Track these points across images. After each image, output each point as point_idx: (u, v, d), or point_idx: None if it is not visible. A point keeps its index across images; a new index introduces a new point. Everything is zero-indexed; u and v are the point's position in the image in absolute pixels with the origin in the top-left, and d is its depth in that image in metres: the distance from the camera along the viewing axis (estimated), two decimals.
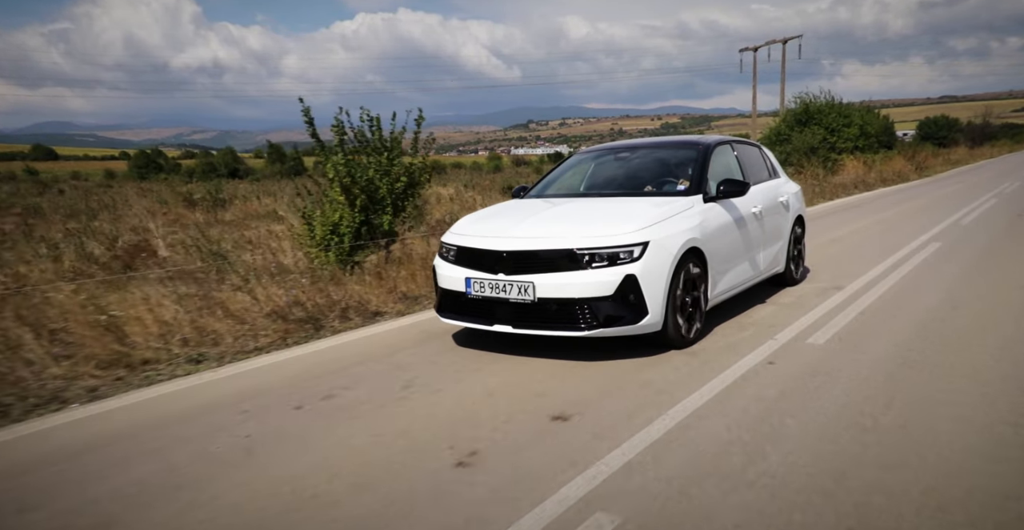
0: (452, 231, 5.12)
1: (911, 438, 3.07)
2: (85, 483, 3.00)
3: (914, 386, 3.76)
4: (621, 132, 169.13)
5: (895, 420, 3.28)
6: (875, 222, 11.78)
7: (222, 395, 4.15)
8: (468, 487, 2.78)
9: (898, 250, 8.38)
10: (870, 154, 25.59)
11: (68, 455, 3.33)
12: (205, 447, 3.33)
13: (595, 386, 3.96)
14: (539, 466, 2.93)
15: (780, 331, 4.98)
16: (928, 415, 3.34)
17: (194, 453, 3.27)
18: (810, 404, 3.53)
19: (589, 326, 4.32)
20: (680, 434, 3.21)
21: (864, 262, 7.64)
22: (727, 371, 4.12)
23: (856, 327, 5.04)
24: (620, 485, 2.73)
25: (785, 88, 33.89)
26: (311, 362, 4.80)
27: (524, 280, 4.40)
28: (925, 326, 4.97)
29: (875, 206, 14.80)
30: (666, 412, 3.48)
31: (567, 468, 2.89)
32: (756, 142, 7.04)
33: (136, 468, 3.13)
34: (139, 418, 3.83)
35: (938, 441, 3.03)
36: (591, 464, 2.92)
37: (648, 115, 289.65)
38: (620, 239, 4.36)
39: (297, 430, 3.50)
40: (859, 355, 4.35)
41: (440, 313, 5.00)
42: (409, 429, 3.43)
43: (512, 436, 3.28)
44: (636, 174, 5.92)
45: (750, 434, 3.17)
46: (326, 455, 3.17)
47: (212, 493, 2.84)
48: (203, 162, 66.49)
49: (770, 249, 6.13)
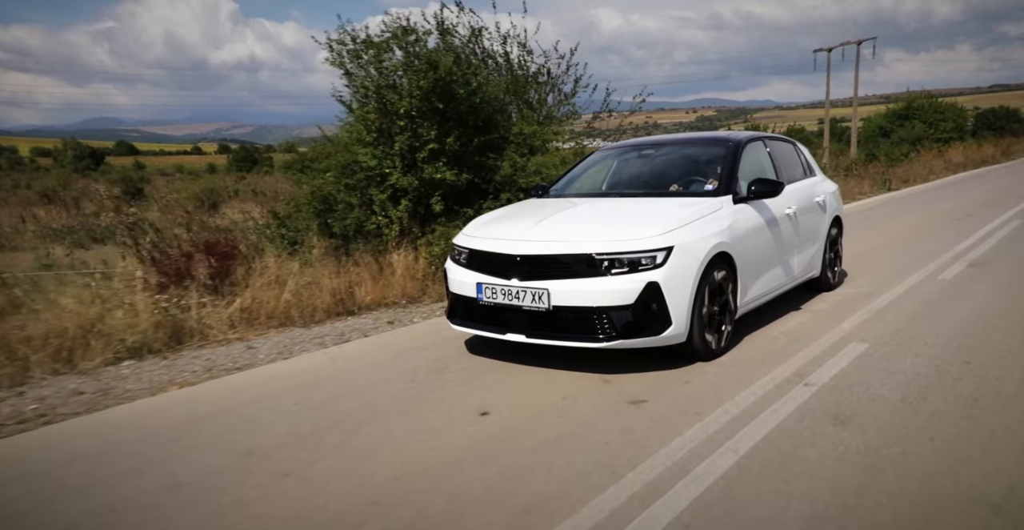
0: (464, 232, 4.85)
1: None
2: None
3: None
4: (656, 125, 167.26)
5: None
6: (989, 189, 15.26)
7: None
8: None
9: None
10: (962, 143, 29.73)
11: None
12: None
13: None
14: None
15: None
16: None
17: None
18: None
19: (608, 337, 4.02)
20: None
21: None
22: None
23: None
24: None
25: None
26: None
27: (538, 287, 4.11)
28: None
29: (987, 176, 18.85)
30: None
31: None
32: (790, 138, 6.64)
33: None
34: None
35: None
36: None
37: (683, 108, 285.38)
38: (642, 244, 4.05)
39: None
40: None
41: (451, 320, 4.74)
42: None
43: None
44: (661, 173, 5.59)
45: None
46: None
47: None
48: (299, 157, 70.22)
49: (805, 252, 5.75)
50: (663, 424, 3.34)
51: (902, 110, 33.53)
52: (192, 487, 2.91)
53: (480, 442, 3.23)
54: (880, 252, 8.22)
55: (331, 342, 5.31)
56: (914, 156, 24.34)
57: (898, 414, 3.34)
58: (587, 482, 2.76)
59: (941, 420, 3.24)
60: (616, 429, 3.31)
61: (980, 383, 3.73)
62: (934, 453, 2.89)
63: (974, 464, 2.78)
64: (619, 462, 2.92)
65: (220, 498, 2.79)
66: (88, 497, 2.85)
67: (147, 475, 3.04)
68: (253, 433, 3.49)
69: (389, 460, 3.07)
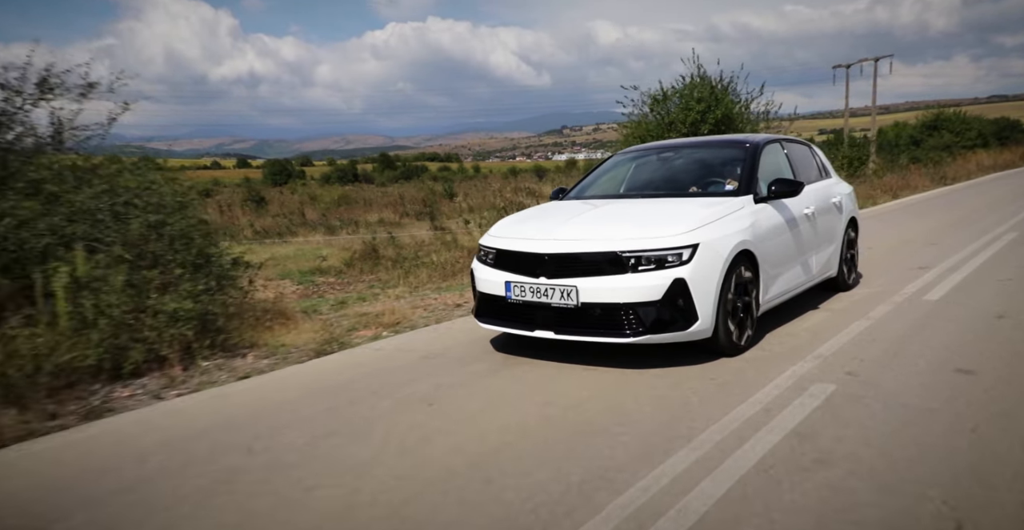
0: (491, 234, 4.96)
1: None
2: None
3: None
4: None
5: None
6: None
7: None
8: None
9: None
10: (986, 150, 34.19)
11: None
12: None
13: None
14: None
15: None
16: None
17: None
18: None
19: (635, 332, 4.11)
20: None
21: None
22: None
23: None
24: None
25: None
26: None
27: (567, 284, 4.21)
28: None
29: (997, 182, 21.27)
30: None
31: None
32: (806, 140, 6.74)
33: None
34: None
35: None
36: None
37: None
38: (668, 241, 4.15)
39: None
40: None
41: (478, 318, 4.83)
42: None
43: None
44: (680, 174, 5.69)
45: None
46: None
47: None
48: (335, 169, 74.99)
49: (823, 252, 5.84)
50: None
51: (931, 121, 38.33)
52: None
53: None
54: (972, 216, 11.88)
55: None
56: (949, 160, 28.51)
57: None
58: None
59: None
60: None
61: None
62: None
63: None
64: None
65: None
66: None
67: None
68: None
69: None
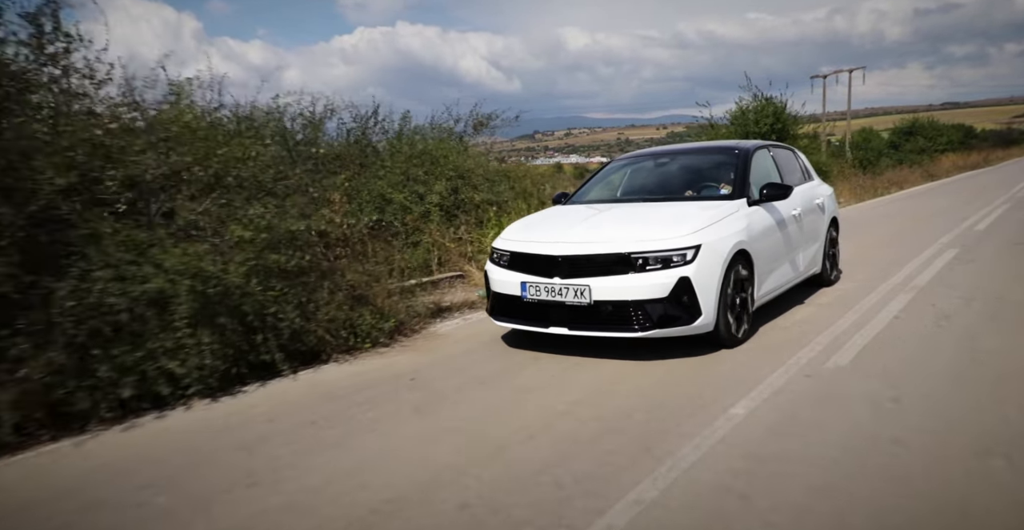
0: (503, 237, 5.26)
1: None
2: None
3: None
4: (628, 142, 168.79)
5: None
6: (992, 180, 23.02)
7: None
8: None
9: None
10: (955, 153, 38.30)
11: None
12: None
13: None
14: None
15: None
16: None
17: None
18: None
19: (643, 327, 4.44)
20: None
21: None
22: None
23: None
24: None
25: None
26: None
27: (580, 284, 4.52)
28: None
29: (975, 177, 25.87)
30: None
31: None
32: (789, 146, 7.14)
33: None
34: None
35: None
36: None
37: (652, 124, 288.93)
38: (674, 243, 4.49)
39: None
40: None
41: (493, 316, 5.12)
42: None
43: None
44: (676, 179, 6.04)
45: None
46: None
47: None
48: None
49: (808, 250, 6.23)
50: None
51: (907, 127, 42.09)
52: None
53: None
54: (972, 198, 15.50)
55: None
56: (928, 162, 32.37)
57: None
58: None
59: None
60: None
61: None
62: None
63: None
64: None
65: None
66: None
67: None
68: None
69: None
